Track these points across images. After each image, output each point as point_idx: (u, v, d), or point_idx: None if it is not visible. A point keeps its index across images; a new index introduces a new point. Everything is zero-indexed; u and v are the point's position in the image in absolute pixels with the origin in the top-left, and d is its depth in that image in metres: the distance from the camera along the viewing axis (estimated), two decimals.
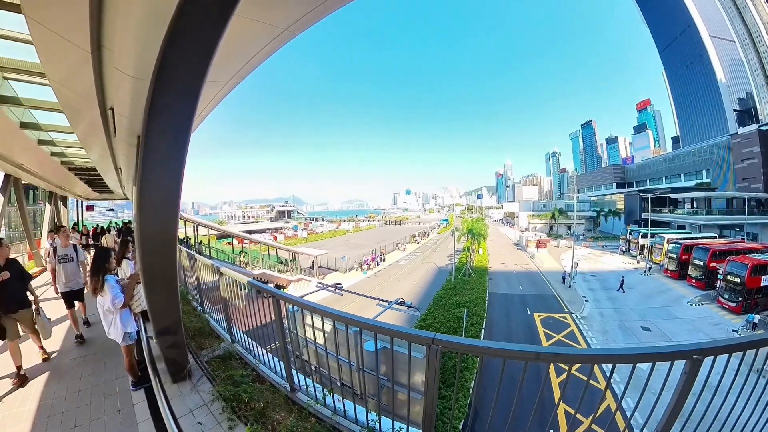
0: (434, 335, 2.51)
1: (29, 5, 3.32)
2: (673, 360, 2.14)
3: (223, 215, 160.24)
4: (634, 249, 48.99)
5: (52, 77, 5.04)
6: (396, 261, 50.89)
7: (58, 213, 20.24)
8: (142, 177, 3.04)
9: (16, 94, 6.57)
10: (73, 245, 7.26)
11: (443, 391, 12.16)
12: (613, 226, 74.08)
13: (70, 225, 19.05)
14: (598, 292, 31.43)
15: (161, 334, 4.28)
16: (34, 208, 19.05)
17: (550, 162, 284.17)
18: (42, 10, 3.40)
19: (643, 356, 2.14)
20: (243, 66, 4.47)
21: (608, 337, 21.48)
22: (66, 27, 3.54)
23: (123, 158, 9.51)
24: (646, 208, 53.79)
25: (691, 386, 2.14)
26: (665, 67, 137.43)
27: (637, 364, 2.07)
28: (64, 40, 3.75)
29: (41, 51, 4.17)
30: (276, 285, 25.98)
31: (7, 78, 5.98)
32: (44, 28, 3.61)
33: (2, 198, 12.37)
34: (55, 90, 5.46)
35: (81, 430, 4.04)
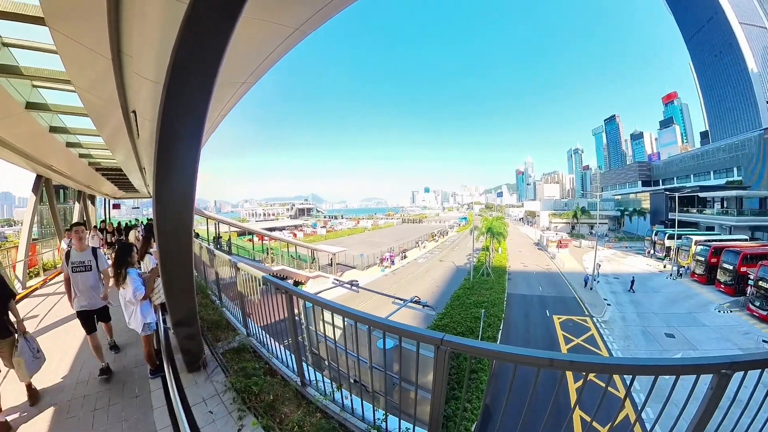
0: (443, 336, 2.47)
1: (52, 17, 3.51)
2: (699, 374, 1.99)
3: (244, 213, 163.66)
4: (659, 251, 46.88)
5: (77, 84, 5.30)
6: (414, 259, 50.81)
7: (87, 211, 21.11)
8: (158, 177, 3.15)
9: (45, 100, 6.93)
10: (92, 249, 5.46)
11: (456, 391, 12.09)
12: (638, 226, 71.22)
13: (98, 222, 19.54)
14: (620, 295, 30.39)
15: (178, 326, 4.47)
16: (64, 207, 19.91)
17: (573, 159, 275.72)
18: (64, 21, 3.59)
19: (667, 368, 2.00)
20: (258, 66, 4.54)
21: (630, 342, 20.72)
22: (87, 36, 3.72)
23: (146, 158, 9.87)
24: (673, 207, 51.43)
25: (718, 401, 2.00)
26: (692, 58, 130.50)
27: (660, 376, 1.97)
28: (86, 48, 3.93)
29: (66, 59, 4.41)
30: (295, 281, 26.48)
31: (36, 86, 6.32)
32: (67, 38, 3.80)
33: (34, 197, 12.95)
34: (80, 96, 5.74)
35: (100, 413, 4.25)
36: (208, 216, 24.79)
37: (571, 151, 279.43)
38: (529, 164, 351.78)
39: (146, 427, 3.95)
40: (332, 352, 4.61)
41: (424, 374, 3.12)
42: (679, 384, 1.95)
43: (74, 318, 7.90)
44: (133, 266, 4.91)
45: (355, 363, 3.54)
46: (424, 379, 3.31)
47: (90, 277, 5.29)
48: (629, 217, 75.79)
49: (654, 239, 49.22)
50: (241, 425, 3.67)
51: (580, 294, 31.10)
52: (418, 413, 3.08)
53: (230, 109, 6.34)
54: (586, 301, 28.98)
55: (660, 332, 21.78)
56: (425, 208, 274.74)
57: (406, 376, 3.93)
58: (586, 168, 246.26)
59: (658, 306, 26.95)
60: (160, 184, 3.21)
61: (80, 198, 20.47)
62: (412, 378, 3.24)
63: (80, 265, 5.25)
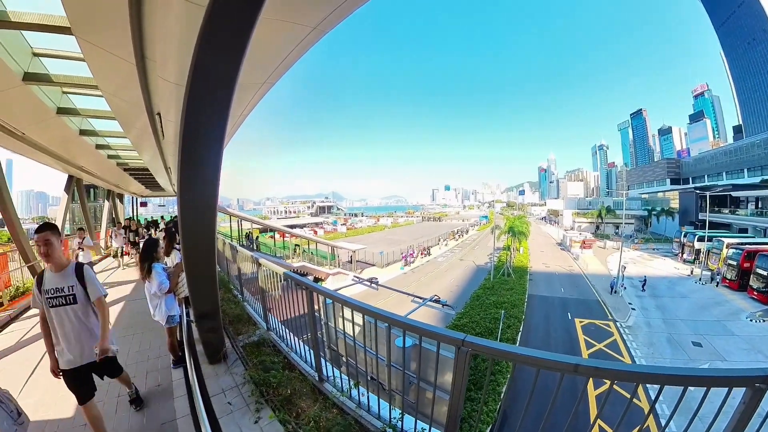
0: (465, 337, 2.42)
1: (78, 27, 3.72)
2: (731, 387, 1.84)
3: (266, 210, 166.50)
4: (688, 253, 44.41)
5: (104, 89, 5.55)
6: (434, 258, 50.54)
7: (116, 209, 21.98)
8: (182, 177, 3.25)
9: (75, 105, 7.37)
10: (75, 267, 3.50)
11: (473, 393, 11.94)
12: (666, 227, 68.14)
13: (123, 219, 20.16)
14: (645, 300, 29.19)
15: (201, 319, 4.63)
16: (94, 205, 20.85)
17: (597, 156, 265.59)
18: (89, 30, 3.81)
19: (697, 379, 1.86)
20: (277, 67, 4.62)
21: (654, 350, 19.84)
22: (111, 43, 3.90)
23: (172, 158, 10.20)
24: (704, 207, 49.23)
25: (750, 418, 1.86)
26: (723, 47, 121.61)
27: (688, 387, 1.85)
28: (111, 54, 4.11)
29: (93, 66, 4.64)
30: (315, 278, 26.77)
31: (66, 92, 6.68)
32: (93, 45, 3.99)
33: (66, 196, 13.61)
34: (107, 100, 6.01)
35: (124, 399, 4.44)
36: (231, 213, 25.36)
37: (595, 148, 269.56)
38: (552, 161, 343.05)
39: (167, 415, 4.11)
40: (350, 348, 4.64)
41: (442, 374, 3.09)
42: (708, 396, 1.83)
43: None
44: (158, 261, 5.08)
45: (372, 360, 3.54)
46: (442, 379, 3.28)
47: (74, 315, 3.36)
48: (657, 217, 72.82)
49: (683, 241, 46.73)
50: (258, 417, 3.74)
51: (604, 297, 30.12)
52: (435, 414, 3.05)
53: (252, 109, 6.47)
54: (609, 304, 28.04)
55: (686, 340, 20.75)
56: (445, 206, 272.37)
57: (423, 376, 3.91)
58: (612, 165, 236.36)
59: (685, 312, 25.73)
60: (184, 184, 3.31)
61: (109, 196, 21.41)
62: (430, 378, 3.22)
63: (57, 294, 3.33)
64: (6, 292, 8.85)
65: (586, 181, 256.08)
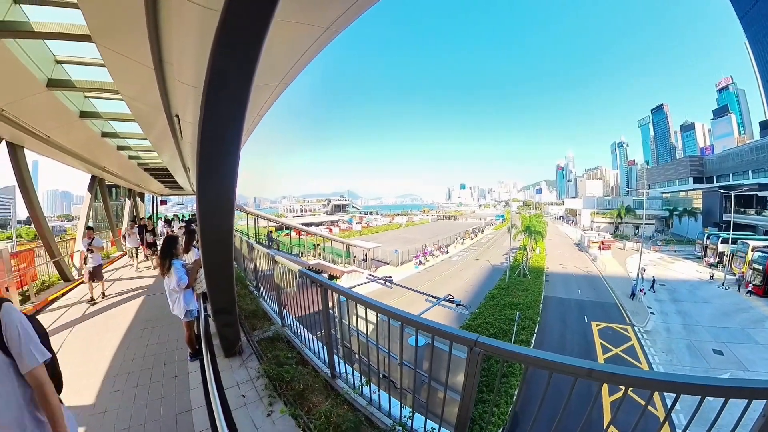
0: (477, 337, 2.41)
1: (97, 34, 3.90)
2: (751, 399, 1.75)
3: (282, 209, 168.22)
4: (711, 256, 42.33)
5: (124, 92, 5.76)
6: (449, 257, 50.30)
7: (136, 207, 22.62)
8: (200, 176, 3.34)
9: (96, 109, 7.68)
10: None
11: (485, 395, 11.86)
12: (688, 228, 65.84)
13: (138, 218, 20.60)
14: (666, 304, 28.20)
15: (218, 314, 4.77)
16: (116, 204, 21.47)
17: (617, 153, 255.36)
18: (109, 37, 3.99)
19: (715, 389, 1.77)
20: (291, 67, 4.68)
21: (673, 357, 19.16)
22: (130, 49, 4.06)
23: (190, 159, 10.46)
24: (729, 207, 46.92)
25: None
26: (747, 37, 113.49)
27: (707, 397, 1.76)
28: (130, 60, 4.27)
29: (113, 71, 4.84)
30: (330, 275, 26.99)
31: (88, 96, 6.96)
32: (112, 51, 4.17)
33: (90, 195, 14.11)
34: (127, 103, 6.24)
35: (142, 390, 4.63)
36: (248, 212, 25.81)
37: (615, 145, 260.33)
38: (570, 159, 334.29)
39: (182, 405, 4.24)
40: (363, 346, 4.68)
41: (454, 375, 3.08)
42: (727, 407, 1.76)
43: (126, 301, 8.60)
44: (177, 257, 5.24)
45: (384, 358, 3.57)
46: (454, 379, 3.27)
47: None
48: (678, 217, 70.52)
49: (706, 243, 44.77)
50: (271, 410, 3.83)
51: (622, 300, 29.35)
52: (445, 414, 3.05)
53: (268, 109, 6.57)
54: (627, 308, 27.31)
55: (707, 348, 19.94)
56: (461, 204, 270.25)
57: (435, 376, 3.91)
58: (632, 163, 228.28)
59: (707, 318, 24.70)
60: (202, 183, 3.40)
61: (130, 195, 22.04)
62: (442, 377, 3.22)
63: None
64: (32, 286, 9.39)
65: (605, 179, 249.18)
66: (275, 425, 3.62)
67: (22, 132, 7.26)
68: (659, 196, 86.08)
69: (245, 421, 3.71)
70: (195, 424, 3.88)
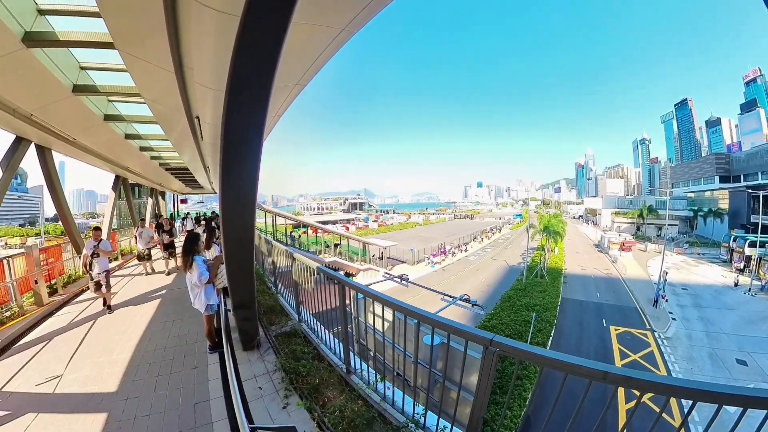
0: (493, 336, 2.41)
1: (120, 41, 4.10)
2: None
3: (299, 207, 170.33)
4: (737, 260, 40.40)
5: (146, 96, 5.99)
6: (465, 256, 50.05)
7: (158, 205, 23.33)
8: (223, 176, 3.45)
9: (120, 112, 7.97)
10: None
11: (498, 396, 11.76)
12: (714, 229, 63.29)
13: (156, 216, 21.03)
14: (688, 310, 27.17)
15: (238, 308, 4.94)
16: (138, 202, 22.24)
17: (639, 150, 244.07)
18: (130, 43, 4.18)
19: (732, 397, 1.71)
20: (308, 68, 4.77)
21: (693, 365, 18.49)
22: (151, 54, 4.24)
23: (210, 158, 10.72)
24: (757, 208, 45.08)
25: None
26: None
27: (724, 406, 1.71)
28: (151, 65, 4.45)
29: (135, 76, 5.06)
30: (346, 273, 27.19)
31: (111, 100, 7.28)
32: (134, 57, 4.36)
33: (114, 194, 14.63)
34: (149, 106, 6.47)
35: (162, 379, 4.81)
36: (266, 210, 26.21)
37: (636, 142, 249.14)
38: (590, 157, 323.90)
39: (201, 396, 4.39)
40: (378, 343, 4.73)
41: (468, 375, 3.08)
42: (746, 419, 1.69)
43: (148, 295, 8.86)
44: (199, 254, 5.39)
45: (399, 356, 3.60)
46: (468, 379, 3.28)
47: None
48: (703, 218, 68.15)
49: (732, 246, 42.97)
50: (287, 403, 3.94)
51: (642, 304, 28.49)
52: (458, 414, 3.06)
53: (286, 109, 6.69)
54: (648, 313, 26.51)
55: (730, 357, 19.12)
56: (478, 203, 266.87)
57: (449, 375, 3.92)
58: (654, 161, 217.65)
59: (730, 326, 23.68)
60: (225, 184, 3.52)
61: (152, 194, 22.75)
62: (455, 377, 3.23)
63: None
64: (60, 279, 9.93)
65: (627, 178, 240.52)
66: (290, 417, 3.72)
67: (50, 135, 7.62)
68: (683, 195, 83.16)
69: (261, 413, 3.83)
70: (212, 414, 4.01)
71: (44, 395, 4.47)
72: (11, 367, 5.22)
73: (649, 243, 58.94)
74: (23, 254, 8.72)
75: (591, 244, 64.74)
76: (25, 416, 4.03)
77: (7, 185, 7.38)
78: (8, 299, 7.76)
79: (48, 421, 3.98)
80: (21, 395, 4.47)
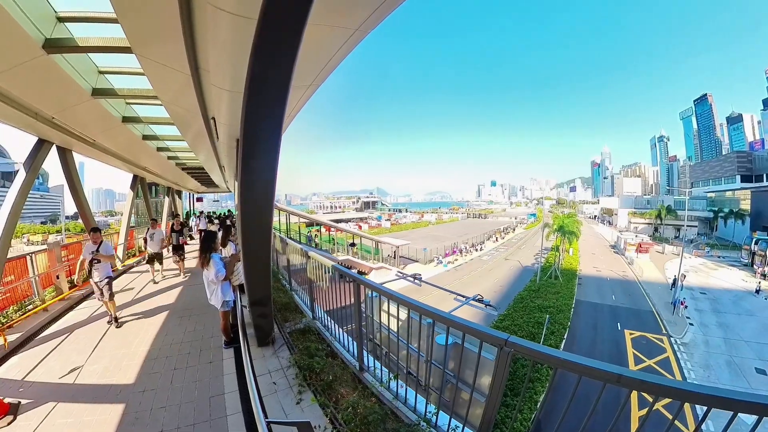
0: (508, 337, 2.41)
1: (137, 45, 4.24)
2: None
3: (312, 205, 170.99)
4: (759, 264, 39.15)
5: (163, 98, 6.16)
6: (478, 256, 49.85)
7: (175, 204, 23.87)
8: (242, 175, 3.51)
9: (137, 114, 8.20)
10: None
11: (509, 399, 11.67)
12: (735, 231, 61.33)
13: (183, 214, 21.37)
14: (706, 315, 26.41)
15: (253, 305, 5.01)
16: (156, 200, 22.74)
17: (657, 148, 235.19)
18: (147, 47, 4.30)
19: (748, 405, 1.65)
20: (322, 69, 4.80)
21: (710, 373, 17.95)
22: (167, 57, 4.36)
23: (225, 158, 10.91)
24: None
25: None
26: None
27: (739, 414, 1.64)
28: (167, 68, 4.58)
29: (151, 79, 5.22)
30: (358, 271, 27.30)
31: (129, 103, 7.53)
32: (151, 61, 4.50)
33: (132, 193, 15.03)
34: (166, 108, 6.66)
35: (178, 373, 4.96)
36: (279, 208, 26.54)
37: (654, 139, 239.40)
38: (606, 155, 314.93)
39: (216, 389, 4.51)
40: (391, 342, 4.75)
41: (480, 376, 3.07)
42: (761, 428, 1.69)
43: (163, 290, 9.06)
44: (215, 251, 5.54)
45: (411, 356, 3.61)
46: (480, 380, 3.27)
47: None
48: (724, 219, 66.20)
49: (753, 249, 41.55)
50: (300, 399, 4.01)
51: (659, 308, 27.84)
52: (469, 415, 3.06)
53: (300, 110, 6.77)
54: (665, 317, 25.88)
55: (749, 366, 18.49)
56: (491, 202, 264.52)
57: (461, 376, 3.93)
58: (673, 159, 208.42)
59: (750, 333, 22.84)
60: (244, 183, 3.59)
61: (169, 193, 23.30)
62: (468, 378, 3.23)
63: None
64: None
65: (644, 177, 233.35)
66: (304, 413, 3.78)
67: (71, 137, 7.87)
68: (703, 195, 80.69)
69: (275, 407, 3.91)
70: (227, 407, 4.12)
71: (64, 385, 4.67)
72: (34, 358, 5.46)
73: (667, 245, 57.62)
74: (46, 251, 9.09)
75: (607, 245, 63.70)
76: (45, 405, 4.22)
77: (30, 185, 7.62)
78: (31, 293, 8.03)
79: (68, 409, 4.15)
80: (42, 385, 4.66)
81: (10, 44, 4.10)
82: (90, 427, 3.84)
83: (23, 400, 4.30)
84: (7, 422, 3.92)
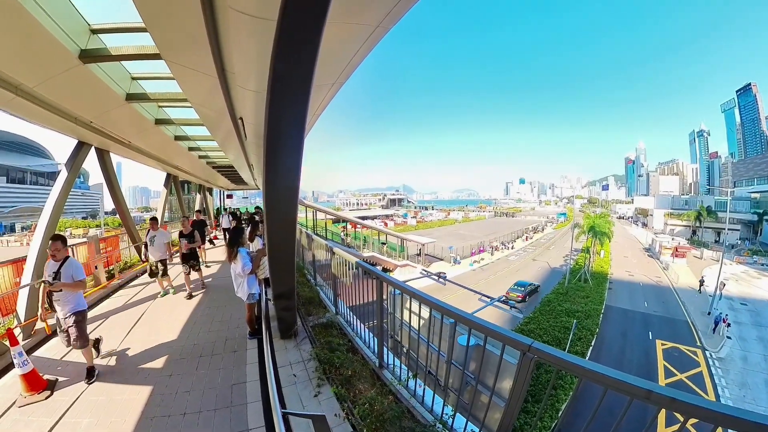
0: (532, 342, 2.33)
1: (165, 51, 4.47)
2: None
3: (339, 202, 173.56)
4: None
5: (192, 101, 6.46)
6: (505, 256, 48.90)
7: (206, 201, 24.87)
8: (267, 174, 3.62)
9: (169, 116, 8.67)
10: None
11: (529, 405, 11.41)
12: None
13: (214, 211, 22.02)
14: (745, 328, 24.34)
15: (278, 298, 5.18)
16: (188, 197, 23.77)
17: (696, 144, 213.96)
18: (175, 53, 4.54)
19: None
20: (345, 67, 4.86)
21: (747, 392, 16.43)
22: (195, 62, 4.60)
23: (253, 156, 11.26)
24: None
25: None
26: None
27: None
28: (195, 72, 4.83)
29: (181, 83, 5.50)
30: (383, 268, 27.46)
31: (161, 106, 8.02)
32: (180, 66, 4.77)
33: (165, 190, 15.76)
34: (196, 110, 6.99)
35: (204, 360, 5.24)
36: (306, 205, 27.00)
37: (694, 134, 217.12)
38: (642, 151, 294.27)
39: (238, 378, 4.70)
40: (412, 340, 4.75)
41: (501, 379, 3.02)
42: None
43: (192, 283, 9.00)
44: (243, 246, 5.76)
45: (431, 355, 3.61)
46: (500, 385, 3.22)
47: None
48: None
49: None
50: (319, 392, 4.10)
51: (694, 318, 26.13)
52: (487, 419, 3.01)
53: (325, 108, 6.89)
54: (700, 328, 24.27)
55: None
56: (520, 200, 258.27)
57: (482, 378, 3.88)
58: (714, 156, 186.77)
59: None
60: (268, 181, 3.69)
61: (200, 190, 24.22)
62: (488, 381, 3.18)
63: None
64: (117, 266, 11.18)
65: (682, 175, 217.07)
66: (321, 405, 3.86)
67: (108, 139, 8.39)
68: (746, 196, 75.38)
69: (294, 398, 4.02)
70: (248, 395, 4.28)
71: (98, 365, 4.99)
72: None
73: (706, 249, 53.68)
74: (86, 243, 9.94)
75: (640, 248, 60.55)
76: (80, 383, 4.57)
77: (71, 184, 8.13)
78: None
79: (100, 388, 4.49)
80: (77, 364, 4.99)
81: (48, 56, 4.45)
82: (119, 405, 4.12)
83: (60, 378, 4.66)
84: (44, 396, 4.27)
